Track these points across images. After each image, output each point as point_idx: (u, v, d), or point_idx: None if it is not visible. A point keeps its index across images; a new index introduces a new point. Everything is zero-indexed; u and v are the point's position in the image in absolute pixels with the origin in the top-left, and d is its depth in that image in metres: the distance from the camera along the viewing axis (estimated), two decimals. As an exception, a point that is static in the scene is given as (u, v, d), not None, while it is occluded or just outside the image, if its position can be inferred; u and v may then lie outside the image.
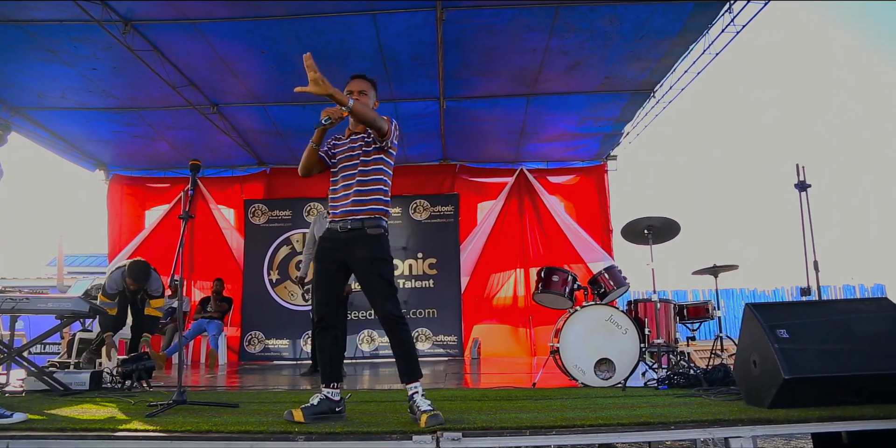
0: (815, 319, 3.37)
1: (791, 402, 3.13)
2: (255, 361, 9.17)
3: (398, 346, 3.28)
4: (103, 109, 8.00)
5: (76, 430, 3.03)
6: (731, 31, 6.21)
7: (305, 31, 6.28)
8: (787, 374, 3.05)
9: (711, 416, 3.05)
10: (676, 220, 5.30)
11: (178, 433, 2.96)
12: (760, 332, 3.29)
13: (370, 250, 3.29)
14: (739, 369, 3.60)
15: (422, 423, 2.95)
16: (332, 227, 3.36)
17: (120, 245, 9.90)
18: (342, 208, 3.33)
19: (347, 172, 3.37)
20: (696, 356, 7.74)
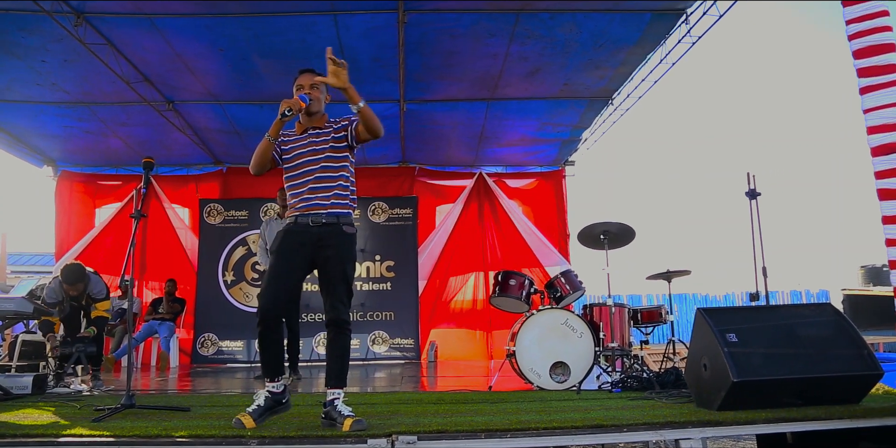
0: (763, 324, 3.47)
1: (739, 405, 3.21)
2: (208, 364, 9.00)
3: (338, 350, 3.22)
4: (53, 103, 7.76)
5: (16, 437, 2.91)
6: (686, 42, 6.36)
7: (265, 29, 6.20)
8: (736, 377, 3.13)
9: (663, 418, 3.11)
10: (631, 226, 5.40)
11: (126, 438, 2.88)
12: (711, 336, 3.37)
13: (344, 250, 3.25)
14: (690, 372, 3.68)
15: (346, 428, 2.91)
16: (302, 221, 3.23)
17: (68, 244, 9.61)
18: (312, 202, 3.23)
19: (313, 167, 3.27)
20: (650, 360, 7.87)
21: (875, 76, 3.32)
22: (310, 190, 3.26)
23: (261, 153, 3.28)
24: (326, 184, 3.26)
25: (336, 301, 3.20)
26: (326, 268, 3.24)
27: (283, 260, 3.23)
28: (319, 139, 3.33)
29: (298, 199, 3.28)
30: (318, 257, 3.24)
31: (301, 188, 3.29)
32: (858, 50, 3.38)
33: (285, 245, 3.25)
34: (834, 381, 3.25)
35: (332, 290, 3.22)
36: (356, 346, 9.12)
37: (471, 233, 9.88)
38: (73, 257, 9.43)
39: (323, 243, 3.21)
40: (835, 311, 3.59)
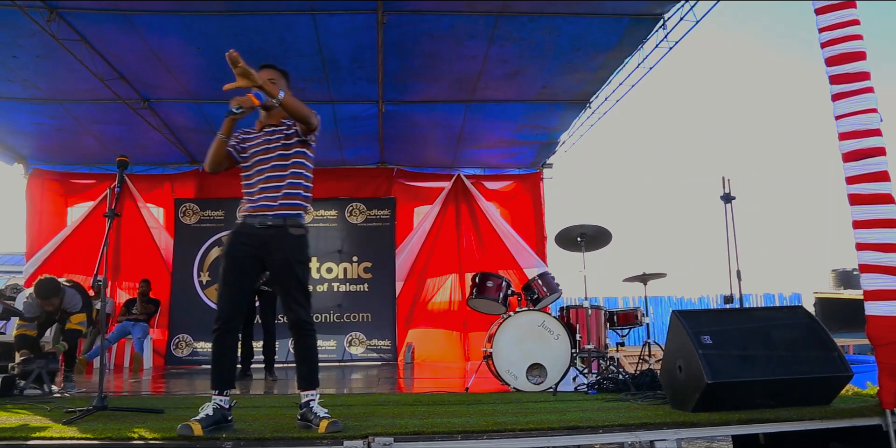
0: (737, 326, 3.52)
1: (713, 406, 3.24)
2: (183, 365, 8.89)
3: (304, 352, 3.18)
4: (24, 100, 7.62)
5: (-15, 439, 2.86)
6: (664, 47, 6.43)
7: (244, 28, 6.15)
8: (710, 378, 3.16)
9: (638, 419, 3.13)
10: (608, 229, 5.44)
11: (98, 441, 2.83)
12: (686, 338, 3.40)
13: (292, 252, 3.18)
14: (666, 374, 3.71)
15: (322, 429, 2.88)
16: (250, 223, 3.18)
17: (39, 243, 9.44)
18: (260, 202, 3.18)
19: (263, 166, 3.22)
20: (626, 361, 7.93)
21: (847, 83, 3.38)
22: (260, 190, 3.20)
23: (213, 151, 3.22)
24: (275, 183, 3.19)
25: (293, 303, 3.16)
26: (277, 272, 3.19)
27: (234, 265, 3.17)
28: (273, 137, 3.28)
29: (250, 199, 3.23)
30: (267, 260, 3.18)
31: (252, 188, 3.24)
32: (831, 57, 3.44)
33: (234, 249, 3.19)
34: (805, 383, 3.30)
35: (286, 294, 3.18)
36: (332, 347, 9.08)
37: (448, 234, 9.88)
38: (44, 257, 9.29)
39: (270, 247, 3.15)
40: (807, 314, 3.65)
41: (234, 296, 3.16)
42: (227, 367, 3.15)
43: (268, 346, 6.49)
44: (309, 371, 3.17)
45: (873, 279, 3.21)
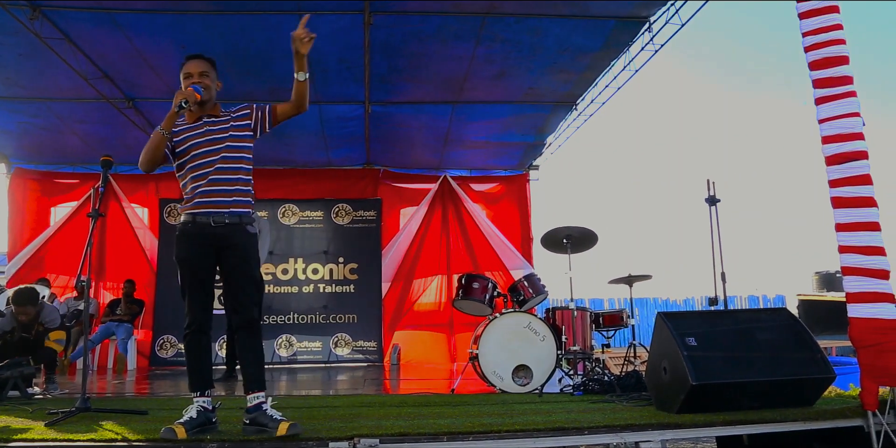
0: (722, 328, 3.55)
1: (698, 407, 3.27)
2: (167, 366, 8.81)
3: (253, 352, 3.12)
4: (6, 99, 7.52)
5: (-35, 441, 2.83)
6: (650, 50, 6.47)
7: (229, 28, 6.11)
8: (695, 380, 3.19)
9: (623, 420, 3.15)
10: (594, 231, 5.46)
11: (81, 442, 2.81)
12: (671, 339, 3.42)
13: (246, 250, 3.14)
14: (651, 376, 3.73)
15: (282, 432, 2.82)
16: (202, 221, 3.07)
17: (21, 243, 9.33)
18: (212, 198, 3.08)
19: (212, 157, 3.10)
20: (611, 363, 7.96)
21: (830, 87, 3.42)
22: (210, 182, 3.09)
23: (154, 149, 3.09)
24: (227, 176, 3.11)
25: (246, 300, 3.12)
26: (231, 269, 3.13)
27: (194, 270, 3.12)
28: (217, 127, 3.18)
29: (197, 194, 3.10)
30: (221, 257, 3.12)
31: (199, 180, 3.10)
32: (814, 61, 3.48)
33: (191, 252, 3.11)
34: (789, 384, 3.34)
35: (241, 292, 3.12)
36: (318, 348, 9.04)
37: (435, 236, 9.87)
38: (27, 257, 9.19)
39: (226, 243, 3.09)
40: (790, 316, 3.69)
41: (202, 298, 3.14)
42: (203, 369, 3.13)
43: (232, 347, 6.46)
44: (258, 371, 3.11)
45: (856, 282, 3.25)
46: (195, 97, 3.06)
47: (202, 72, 3.20)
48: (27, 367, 4.68)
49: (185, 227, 3.13)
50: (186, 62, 3.25)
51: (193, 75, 3.19)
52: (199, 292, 3.14)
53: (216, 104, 3.26)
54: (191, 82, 3.16)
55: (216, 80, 3.28)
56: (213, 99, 3.23)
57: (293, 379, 7.12)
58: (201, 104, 3.17)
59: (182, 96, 3.02)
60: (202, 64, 3.24)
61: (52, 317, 5.31)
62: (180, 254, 3.15)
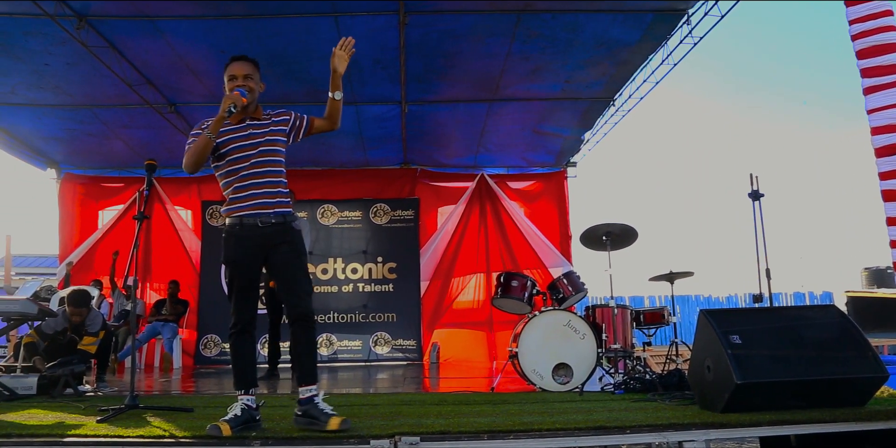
0: (767, 326, 3.47)
1: (743, 407, 3.20)
2: (212, 365, 9.00)
3: (307, 345, 3.16)
4: (56, 106, 7.78)
5: (22, 436, 2.92)
6: (688, 43, 6.36)
7: (266, 31, 6.21)
8: (740, 379, 3.12)
9: (666, 420, 3.10)
10: (634, 227, 5.39)
11: (130, 439, 2.89)
12: (714, 337, 3.36)
13: (297, 246, 3.19)
14: (694, 374, 3.67)
15: (333, 426, 2.87)
16: (249, 223, 3.11)
17: (72, 246, 9.61)
18: (258, 200, 3.12)
19: (251, 161, 3.14)
20: (652, 361, 7.86)
21: (879, 76, 3.31)
22: (254, 184, 3.14)
23: (201, 151, 3.12)
24: (270, 178, 3.16)
25: (304, 294, 3.15)
26: (284, 265, 3.16)
27: (242, 270, 3.17)
28: (260, 130, 3.22)
29: (243, 196, 3.14)
30: (271, 256, 3.16)
31: (243, 181, 3.15)
32: (862, 50, 3.38)
33: (240, 254, 3.15)
34: (838, 384, 3.24)
35: (294, 286, 3.16)
36: (358, 347, 9.12)
37: (473, 234, 9.86)
38: (77, 258, 9.45)
39: (275, 242, 3.14)
40: (839, 313, 3.59)
41: (249, 299, 3.20)
42: (248, 367, 3.19)
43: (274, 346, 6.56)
44: (312, 365, 3.17)
45: (908, 277, 3.15)
46: (242, 101, 3.11)
47: (246, 74, 3.24)
48: (78, 365, 4.83)
49: (233, 229, 3.17)
50: (231, 64, 3.27)
51: (238, 78, 3.22)
52: (247, 293, 3.19)
53: (258, 106, 3.30)
54: (235, 85, 3.19)
55: (259, 82, 3.31)
56: (255, 101, 3.27)
57: (334, 377, 7.20)
58: (244, 107, 3.20)
59: (230, 101, 3.07)
60: (246, 66, 3.27)
61: (95, 321, 5.46)
62: (230, 255, 3.19)
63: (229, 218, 3.19)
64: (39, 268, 19.28)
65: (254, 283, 3.22)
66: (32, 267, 19.71)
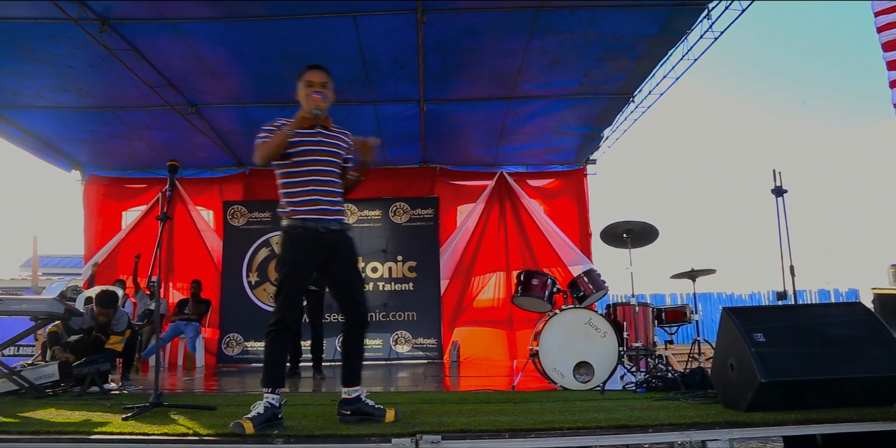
0: (791, 323, 3.42)
1: (767, 406, 3.16)
2: (234, 364, 9.08)
3: (361, 347, 3.35)
4: (80, 109, 7.90)
5: (50, 433, 2.98)
6: (709, 38, 6.28)
7: (285, 32, 6.25)
8: (764, 377, 3.08)
9: (689, 419, 3.07)
10: (655, 225, 5.35)
11: (155, 436, 2.92)
12: (737, 335, 3.33)
13: (354, 253, 3.34)
14: (717, 373, 3.64)
15: (391, 419, 3.10)
16: (311, 227, 3.20)
17: (96, 246, 9.76)
18: (319, 206, 3.22)
19: (321, 167, 3.26)
20: (674, 359, 7.79)
21: (905, 69, 3.25)
22: (319, 192, 3.24)
23: (277, 147, 3.20)
24: (332, 188, 3.30)
25: (364, 300, 3.32)
26: (344, 273, 3.31)
27: (300, 270, 3.23)
28: (328, 140, 3.34)
29: (307, 200, 3.22)
30: (330, 263, 3.26)
31: (307, 186, 3.23)
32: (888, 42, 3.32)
33: (299, 255, 3.22)
34: (865, 382, 3.19)
35: (354, 293, 3.31)
36: (379, 346, 9.15)
37: (492, 232, 9.85)
38: (101, 259, 9.58)
39: (333, 249, 3.25)
40: (866, 311, 3.52)
41: (297, 299, 3.31)
42: (281, 366, 3.26)
43: (316, 345, 6.59)
44: (361, 368, 3.32)
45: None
46: (322, 106, 3.22)
47: (323, 83, 3.33)
48: (103, 364, 4.90)
49: (295, 230, 3.23)
50: (308, 71, 3.36)
51: (315, 85, 3.30)
52: (295, 292, 3.26)
53: (328, 116, 3.38)
54: (314, 91, 3.28)
55: (332, 92, 3.40)
56: (326, 110, 3.34)
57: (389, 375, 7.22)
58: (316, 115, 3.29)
59: (314, 104, 3.19)
60: (323, 75, 3.36)
61: (121, 321, 5.57)
62: (291, 256, 3.23)
63: (290, 220, 3.25)
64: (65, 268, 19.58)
65: (306, 285, 3.34)
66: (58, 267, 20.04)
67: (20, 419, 3.44)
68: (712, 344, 4.24)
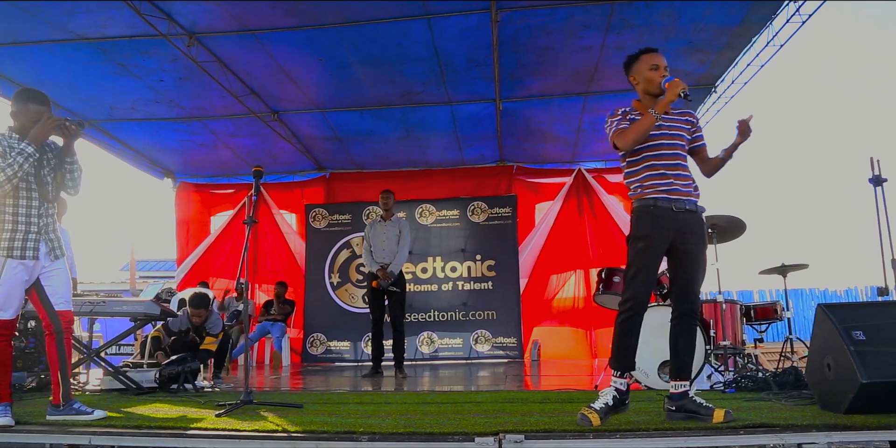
0: (894, 320, 3.22)
1: (869, 408, 2.99)
2: (318, 363, 9.33)
3: (689, 339, 3.21)
4: (170, 119, 8.31)
5: (151, 428, 3.15)
6: (796, 22, 6.00)
7: (362, 37, 6.37)
8: (865, 378, 2.92)
9: (783, 420, 2.94)
10: (742, 219, 5.16)
11: (246, 432, 3.04)
12: (834, 333, 3.16)
13: (704, 235, 3.19)
14: (812, 373, 3.47)
15: (719, 419, 2.88)
16: (664, 205, 3.09)
17: (188, 250, 10.24)
18: (675, 186, 3.11)
19: (674, 151, 3.17)
20: (764, 358, 7.48)
21: None
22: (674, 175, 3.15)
23: (645, 131, 3.11)
24: (684, 171, 3.18)
25: (697, 291, 3.19)
26: (688, 253, 3.14)
27: (652, 245, 3.10)
28: (684, 126, 3.24)
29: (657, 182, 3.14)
30: (678, 241, 3.11)
31: (660, 170, 3.15)
32: None
33: (654, 231, 3.09)
34: (979, 383, 2.97)
35: (691, 280, 3.17)
36: (459, 345, 9.19)
37: (571, 230, 9.73)
38: (193, 262, 10.04)
39: (684, 228, 3.10)
40: (978, 306, 3.28)
41: (651, 277, 3.16)
42: (631, 350, 3.16)
43: (397, 345, 6.68)
44: (690, 361, 3.21)
45: None
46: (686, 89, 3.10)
47: (666, 66, 3.28)
48: (193, 363, 5.14)
49: (650, 210, 3.13)
50: (648, 54, 3.30)
51: (660, 68, 3.23)
52: (652, 270, 3.15)
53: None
54: (662, 74, 3.22)
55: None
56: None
57: (435, 375, 7.29)
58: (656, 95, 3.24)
59: (680, 87, 3.06)
60: (664, 58, 3.29)
61: (216, 324, 5.82)
62: (642, 230, 3.13)
63: (641, 200, 3.19)
64: (160, 271, 20.61)
65: (657, 263, 3.17)
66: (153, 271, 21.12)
67: (124, 414, 3.66)
68: (806, 342, 4.05)
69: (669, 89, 3.06)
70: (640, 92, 3.31)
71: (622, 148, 3.21)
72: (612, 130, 3.23)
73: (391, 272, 6.45)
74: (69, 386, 3.51)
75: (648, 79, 3.23)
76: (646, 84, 3.24)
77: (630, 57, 3.35)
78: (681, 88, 3.04)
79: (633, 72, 3.32)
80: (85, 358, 5.24)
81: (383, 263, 6.50)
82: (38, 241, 3.44)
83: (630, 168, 3.27)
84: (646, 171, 3.18)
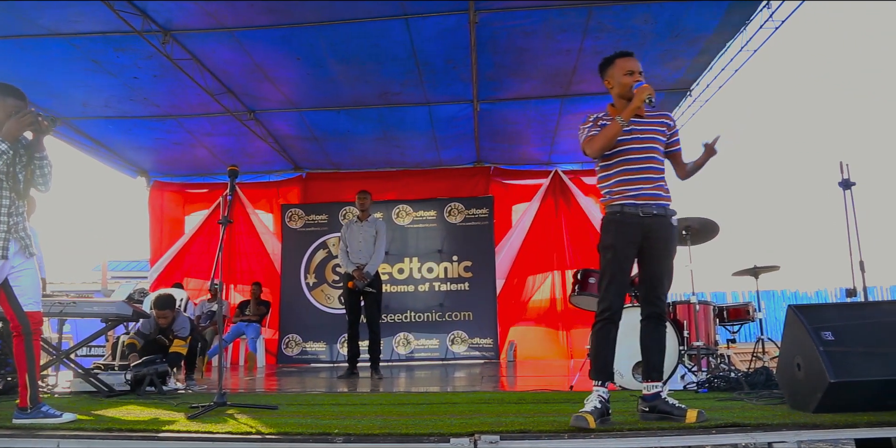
0: (862, 321, 3.28)
1: (837, 407, 3.05)
2: (293, 364, 9.27)
3: (658, 342, 3.23)
4: (145, 117, 8.20)
5: (122, 431, 3.10)
6: (769, 28, 6.10)
7: (340, 36, 6.34)
8: (833, 377, 2.97)
9: (754, 420, 2.99)
10: (715, 221, 5.22)
11: (220, 435, 3.00)
12: (804, 334, 3.22)
13: (672, 239, 3.21)
14: (782, 373, 3.52)
15: (692, 419, 2.92)
16: (630, 211, 3.13)
17: (161, 250, 10.09)
18: (643, 191, 3.14)
19: (646, 155, 3.18)
20: (737, 359, 7.59)
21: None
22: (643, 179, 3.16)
23: (612, 138, 3.14)
24: (657, 176, 3.20)
25: (662, 294, 3.20)
26: (657, 261, 3.18)
27: (621, 253, 3.15)
28: (658, 128, 3.25)
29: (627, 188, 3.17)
30: (647, 246, 3.15)
31: (632, 174, 3.17)
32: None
33: (620, 237, 3.15)
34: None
35: (656, 283, 3.19)
36: (435, 346, 9.19)
37: (548, 231, 9.78)
38: (166, 263, 9.91)
39: (652, 236, 3.14)
40: (943, 307, 3.36)
41: (623, 285, 3.18)
42: (609, 359, 3.17)
43: (373, 346, 6.66)
44: (661, 362, 3.22)
45: None
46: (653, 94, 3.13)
47: (641, 71, 3.27)
48: (161, 364, 5.06)
49: (616, 217, 3.18)
50: (623, 58, 3.31)
51: (635, 73, 3.24)
52: (623, 278, 3.19)
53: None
54: (635, 79, 3.22)
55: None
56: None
57: (411, 376, 7.28)
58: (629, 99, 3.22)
59: (647, 93, 3.09)
60: (638, 63, 3.30)
61: (183, 325, 5.72)
62: (609, 240, 3.20)
63: (612, 206, 3.22)
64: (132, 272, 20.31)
65: (628, 271, 3.20)
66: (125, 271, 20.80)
67: (94, 417, 3.59)
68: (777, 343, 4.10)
69: (636, 95, 3.11)
70: (614, 96, 3.33)
71: (591, 155, 3.27)
72: (583, 137, 3.27)
73: (367, 273, 6.44)
74: (37, 388, 3.45)
75: (622, 83, 3.25)
76: (620, 88, 3.27)
77: (605, 60, 3.37)
78: (647, 94, 3.08)
79: (608, 76, 3.34)
80: (54, 360, 5.13)
81: (359, 264, 6.49)
82: (8, 239, 3.37)
83: (602, 172, 3.31)
84: (616, 177, 3.22)
